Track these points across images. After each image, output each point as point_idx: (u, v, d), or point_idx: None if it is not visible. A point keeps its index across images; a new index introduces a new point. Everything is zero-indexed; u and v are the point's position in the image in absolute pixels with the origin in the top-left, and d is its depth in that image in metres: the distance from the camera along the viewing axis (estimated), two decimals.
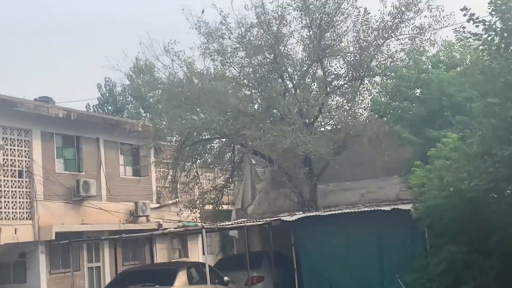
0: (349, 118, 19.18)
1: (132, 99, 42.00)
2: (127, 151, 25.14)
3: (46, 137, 22.24)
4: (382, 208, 16.20)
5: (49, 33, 61.21)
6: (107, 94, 43.04)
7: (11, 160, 21.10)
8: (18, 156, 21.35)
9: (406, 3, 18.91)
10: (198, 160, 22.29)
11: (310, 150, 17.60)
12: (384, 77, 19.56)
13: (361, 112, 19.86)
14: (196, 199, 21.27)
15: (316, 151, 17.64)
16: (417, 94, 17.37)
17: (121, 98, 43.12)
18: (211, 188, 22.01)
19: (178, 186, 22.43)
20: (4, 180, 20.80)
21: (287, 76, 19.84)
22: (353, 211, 16.65)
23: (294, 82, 19.88)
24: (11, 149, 21.13)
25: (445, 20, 18.67)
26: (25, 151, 21.56)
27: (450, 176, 12.94)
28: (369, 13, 19.21)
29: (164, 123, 21.27)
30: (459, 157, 13.00)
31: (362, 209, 16.67)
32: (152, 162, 23.52)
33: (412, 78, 16.81)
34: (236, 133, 18.96)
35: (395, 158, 19.25)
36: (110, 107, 42.36)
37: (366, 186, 20.58)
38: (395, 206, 16.01)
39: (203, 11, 19.27)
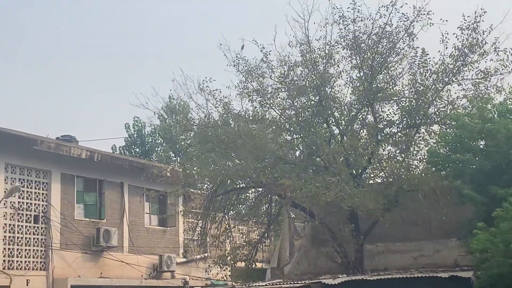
0: (402, 170, 18.72)
1: (162, 141, 42.27)
2: (153, 198, 25.19)
3: (66, 179, 22.42)
4: (439, 275, 15.66)
5: (76, 67, 62.51)
6: (135, 135, 43.42)
7: (27, 203, 21.25)
8: (35, 200, 21.50)
9: (470, 44, 18.57)
10: (231, 211, 22.01)
11: (357, 205, 17.19)
12: (443, 126, 19.11)
13: (416, 164, 19.38)
14: (227, 254, 20.89)
15: (364, 206, 17.22)
16: (481, 146, 16.88)
17: (150, 140, 43.45)
18: (244, 243, 21.66)
19: (208, 239, 22.15)
20: (18, 226, 20.90)
21: (333, 121, 19.60)
22: (404, 276, 16.13)
23: (341, 127, 19.59)
24: (27, 192, 21.29)
25: None
26: (42, 194, 21.72)
27: None
28: (427, 54, 18.95)
29: (195, 168, 21.12)
30: None
31: (415, 275, 16.15)
32: (180, 211, 23.37)
33: (475, 128, 16.35)
34: (274, 182, 18.66)
35: (454, 218, 18.73)
36: (137, 149, 42.69)
37: (420, 249, 20.10)
38: (454, 273, 15.45)
39: (242, 47, 19.32)
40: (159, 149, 42.56)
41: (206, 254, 26.06)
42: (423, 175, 18.52)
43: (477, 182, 16.19)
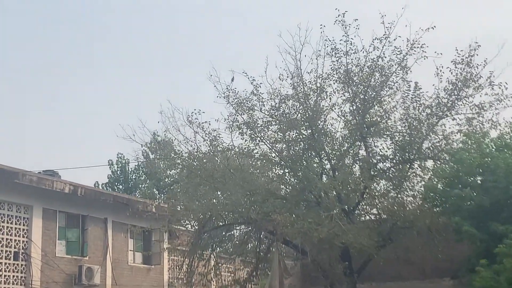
0: (396, 206, 18.10)
1: (146, 178, 41.41)
2: (137, 234, 24.34)
3: (48, 214, 21.60)
4: None
5: (58, 101, 61.67)
6: (118, 172, 42.59)
7: (6, 239, 20.36)
8: (15, 236, 20.62)
9: (464, 78, 18.14)
10: (218, 248, 21.17)
11: (351, 242, 16.48)
12: (437, 161, 18.54)
13: (411, 200, 18.75)
14: None
15: (358, 243, 16.53)
16: (479, 181, 16.33)
17: (133, 177, 42.62)
18: (232, 282, 20.77)
19: (194, 278, 21.25)
20: None
21: (325, 155, 18.93)
22: None
23: (333, 162, 18.92)
24: (7, 227, 20.43)
25: (509, 100, 17.88)
26: (23, 230, 20.84)
27: None
28: (420, 88, 18.47)
29: (181, 203, 20.33)
30: None
31: None
32: (166, 248, 22.49)
33: (473, 162, 15.81)
34: (264, 218, 17.91)
35: (448, 256, 18.26)
36: (121, 186, 41.82)
37: None
38: None
39: (233, 79, 18.74)
40: (143, 186, 41.72)
41: None
42: (418, 211, 17.91)
43: (476, 218, 15.70)
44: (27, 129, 60.44)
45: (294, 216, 17.68)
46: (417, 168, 18.91)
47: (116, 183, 42.24)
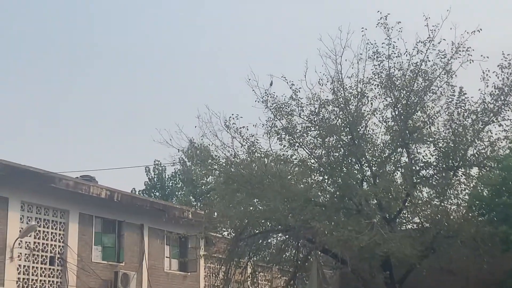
0: (439, 215, 17.53)
1: (182, 185, 41.40)
2: (173, 241, 24.09)
3: (84, 219, 21.47)
4: None
5: (96, 108, 62.12)
6: (155, 179, 42.67)
7: (43, 244, 20.26)
8: (51, 240, 20.53)
9: (511, 83, 17.51)
10: (255, 256, 20.79)
11: (393, 251, 15.97)
12: (483, 169, 17.91)
13: (455, 208, 18.15)
14: None
15: (400, 252, 16.01)
16: None
17: (170, 184, 42.65)
18: None
19: (231, 286, 20.91)
20: (33, 267, 19.87)
21: (366, 161, 18.43)
22: None
23: (373, 169, 18.41)
24: (44, 232, 20.33)
25: None
26: (59, 234, 20.74)
27: None
28: (465, 93, 17.90)
29: (218, 210, 20.03)
30: None
31: None
32: (202, 255, 22.20)
33: None
34: (303, 226, 17.49)
35: (493, 267, 17.67)
36: (157, 193, 41.88)
37: None
38: None
39: (271, 83, 18.39)
40: (179, 193, 41.71)
41: None
42: (463, 220, 17.32)
43: None
44: (64, 134, 60.93)
45: (333, 224, 17.23)
46: (461, 175, 18.37)
47: (153, 190, 42.36)
